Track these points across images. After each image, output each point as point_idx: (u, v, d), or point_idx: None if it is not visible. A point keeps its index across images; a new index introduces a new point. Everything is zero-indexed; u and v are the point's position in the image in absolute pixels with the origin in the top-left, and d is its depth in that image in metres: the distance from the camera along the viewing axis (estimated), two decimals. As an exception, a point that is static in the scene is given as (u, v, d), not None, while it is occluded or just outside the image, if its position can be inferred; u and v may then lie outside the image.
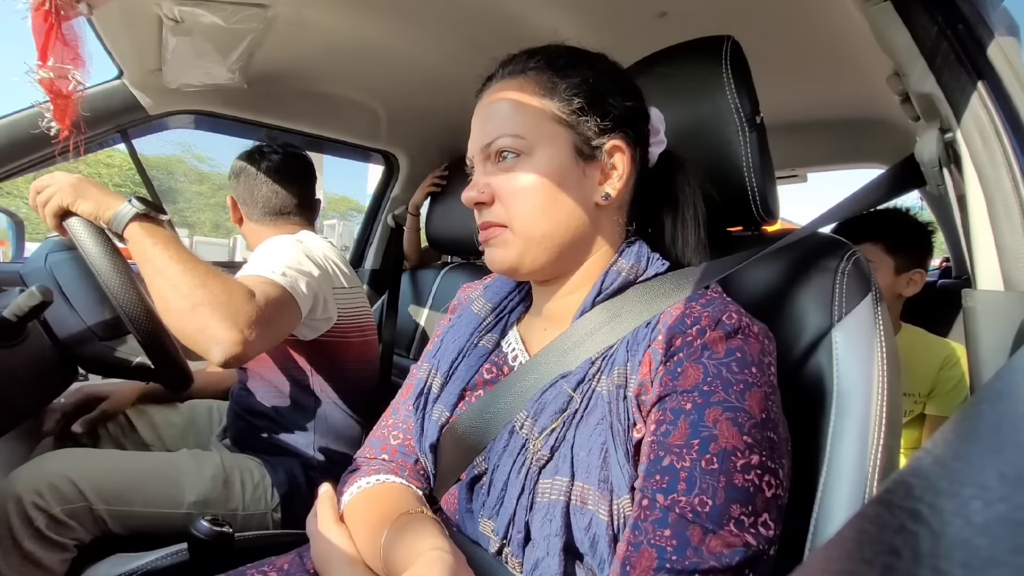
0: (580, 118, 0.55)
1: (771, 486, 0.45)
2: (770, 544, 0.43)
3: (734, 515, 0.43)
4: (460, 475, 0.58)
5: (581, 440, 0.50)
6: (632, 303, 0.55)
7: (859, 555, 0.13)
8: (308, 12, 1.03)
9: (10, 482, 0.85)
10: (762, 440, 0.45)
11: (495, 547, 0.53)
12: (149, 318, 0.81)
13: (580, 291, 0.59)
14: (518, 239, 0.56)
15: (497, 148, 0.56)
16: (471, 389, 0.61)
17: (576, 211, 0.56)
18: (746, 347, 0.49)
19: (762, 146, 0.66)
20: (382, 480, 0.62)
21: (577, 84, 0.56)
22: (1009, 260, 0.53)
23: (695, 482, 0.44)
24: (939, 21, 0.56)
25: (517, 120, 0.56)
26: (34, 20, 0.68)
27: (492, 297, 0.67)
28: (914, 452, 1.21)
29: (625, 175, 0.57)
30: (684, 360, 0.48)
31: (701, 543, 0.42)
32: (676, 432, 0.46)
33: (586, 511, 0.48)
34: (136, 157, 1.42)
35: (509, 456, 0.54)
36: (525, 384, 0.56)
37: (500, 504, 0.53)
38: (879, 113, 1.43)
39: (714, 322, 0.49)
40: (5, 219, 1.65)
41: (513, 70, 0.58)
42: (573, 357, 0.55)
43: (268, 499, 1.02)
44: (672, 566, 0.42)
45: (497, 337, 0.64)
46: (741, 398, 0.46)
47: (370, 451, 0.67)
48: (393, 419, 0.68)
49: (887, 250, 1.18)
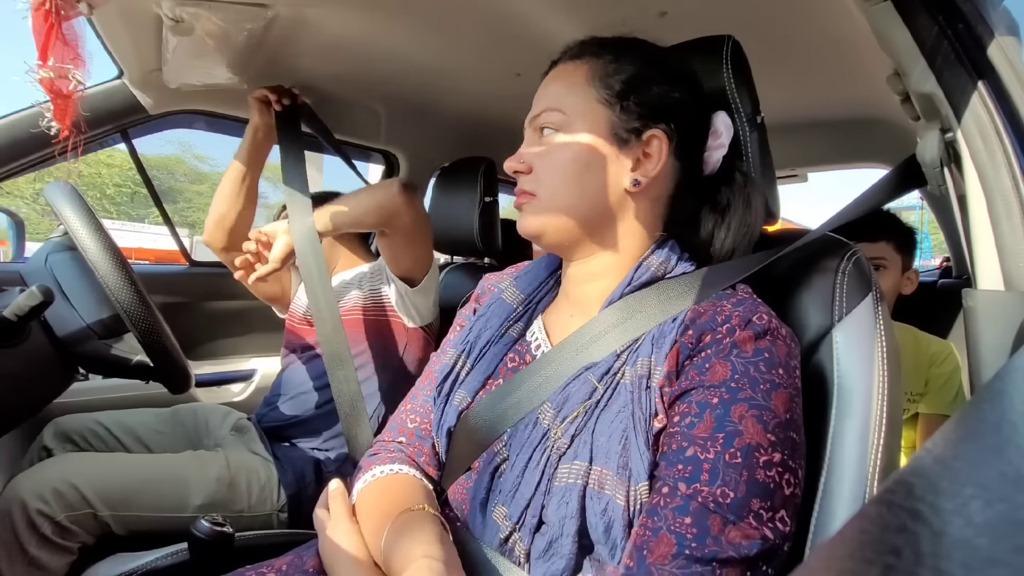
0: (622, 102, 0.57)
1: (790, 484, 0.46)
2: (785, 540, 0.44)
3: (754, 508, 0.43)
4: (471, 463, 0.59)
5: (602, 426, 0.51)
6: (655, 299, 0.56)
7: (860, 555, 0.13)
8: (308, 12, 1.03)
9: (14, 487, 0.85)
10: (785, 440, 0.46)
11: (505, 533, 0.54)
12: (149, 317, 0.81)
13: (608, 278, 0.60)
14: (544, 207, 0.59)
15: (540, 123, 0.60)
16: (494, 378, 0.62)
17: (602, 191, 0.58)
18: (774, 348, 0.50)
19: (763, 146, 0.66)
20: (394, 470, 0.62)
21: (624, 69, 0.58)
22: (1009, 260, 0.53)
23: (718, 474, 0.44)
24: (939, 21, 0.56)
25: (561, 97, 0.59)
26: (34, 20, 0.68)
27: (525, 287, 0.68)
28: (910, 452, 1.21)
29: (660, 166, 0.58)
30: (713, 356, 0.50)
31: (721, 533, 0.43)
32: (701, 425, 0.47)
33: (603, 495, 0.49)
34: (136, 157, 1.42)
35: (530, 445, 0.55)
36: (544, 374, 0.57)
37: (516, 490, 0.54)
38: (879, 113, 1.43)
39: (744, 322, 0.51)
40: (5, 219, 1.65)
41: (572, 54, 0.62)
42: (595, 349, 0.56)
43: (274, 500, 1.03)
44: (692, 553, 0.42)
45: (523, 326, 0.65)
46: (767, 397, 0.47)
47: (389, 434, 0.68)
48: (412, 403, 0.69)
49: (897, 249, 1.20)
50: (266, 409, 1.24)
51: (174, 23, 0.97)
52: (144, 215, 16.88)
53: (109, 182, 16.60)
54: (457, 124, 1.65)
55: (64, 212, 0.83)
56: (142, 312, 0.80)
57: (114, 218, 16.84)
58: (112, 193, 16.89)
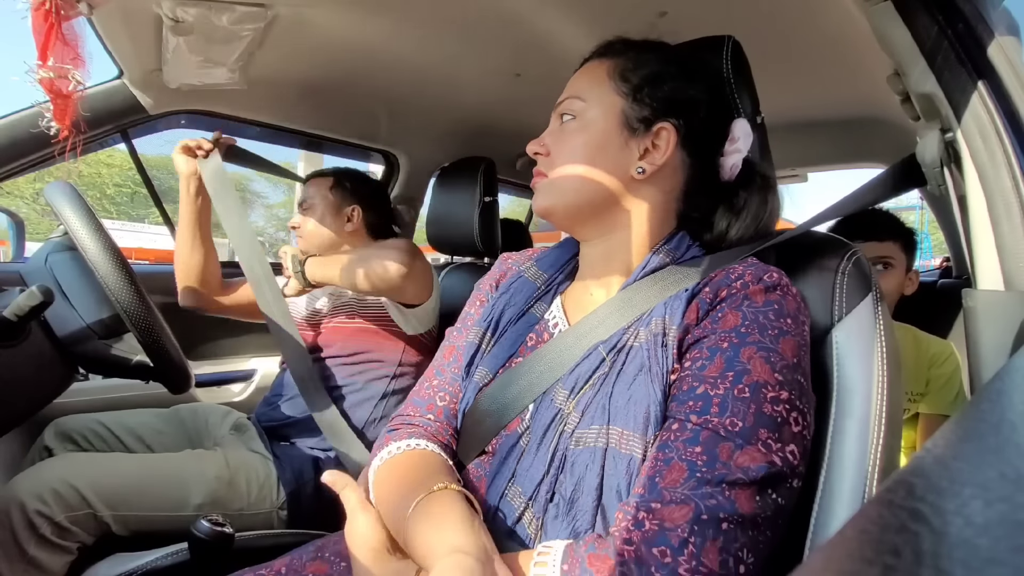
0: (637, 94, 0.61)
1: (797, 423, 0.47)
2: (794, 472, 0.46)
3: (762, 437, 0.45)
4: (485, 444, 0.60)
5: (620, 389, 0.53)
6: (664, 280, 0.59)
7: (860, 554, 0.13)
8: (308, 12, 1.03)
9: (13, 488, 0.84)
10: (792, 381, 0.48)
11: (518, 512, 0.54)
12: (149, 317, 0.81)
13: (620, 260, 0.63)
14: (554, 186, 0.63)
15: (562, 110, 0.64)
16: (515, 356, 0.63)
17: (610, 175, 0.61)
18: (784, 301, 0.53)
19: (763, 146, 0.66)
20: (412, 446, 0.61)
21: (643, 66, 0.62)
22: (1009, 260, 0.53)
23: (727, 406, 0.47)
24: (939, 21, 0.56)
25: (584, 86, 0.63)
26: (34, 20, 0.68)
27: (547, 268, 0.70)
28: (910, 452, 1.21)
29: (666, 156, 0.60)
30: (726, 307, 0.53)
31: (730, 458, 0.45)
32: (711, 366, 0.49)
33: (623, 454, 0.50)
34: (136, 157, 1.42)
35: (542, 424, 0.56)
36: (559, 353, 0.59)
37: (531, 467, 0.55)
38: (879, 113, 1.43)
39: (756, 278, 0.54)
40: (5, 219, 1.65)
41: (599, 52, 0.66)
42: (607, 326, 0.58)
43: (274, 498, 1.03)
44: (702, 476, 0.44)
45: (545, 306, 0.67)
46: (775, 341, 0.50)
47: (414, 409, 0.67)
48: (439, 380, 0.68)
49: (903, 248, 1.21)
50: (266, 408, 1.24)
51: (174, 23, 0.97)
52: (144, 215, 16.87)
53: (109, 182, 16.58)
54: (457, 124, 1.65)
55: (64, 212, 0.83)
56: (142, 312, 0.80)
57: (114, 218, 16.80)
58: (112, 193, 16.87)
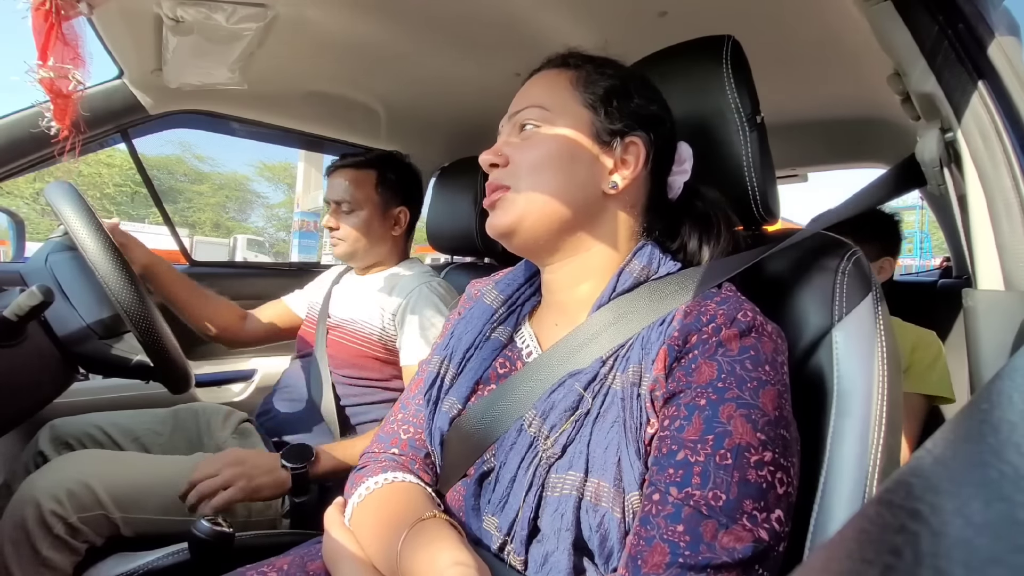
0: (605, 107, 0.59)
1: (783, 483, 0.45)
2: (779, 541, 0.44)
3: (747, 510, 0.43)
4: (467, 470, 0.58)
5: (598, 438, 0.51)
6: (643, 301, 0.56)
7: (860, 555, 0.13)
8: (308, 12, 1.03)
9: (29, 486, 0.84)
10: (775, 437, 0.46)
11: (497, 544, 0.53)
12: (149, 317, 0.81)
13: (590, 282, 0.60)
14: (520, 200, 0.58)
15: (521, 119, 0.60)
16: (484, 383, 0.61)
17: (581, 190, 0.58)
18: (760, 345, 0.50)
19: (763, 145, 0.66)
20: (390, 479, 0.61)
21: (608, 76, 0.60)
22: (1009, 260, 0.53)
23: (709, 476, 0.44)
24: (939, 21, 0.56)
25: (545, 95, 0.60)
26: (34, 20, 0.68)
27: (504, 289, 0.67)
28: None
29: (637, 170, 0.59)
30: (699, 357, 0.49)
31: (714, 539, 0.42)
32: (690, 428, 0.46)
33: (599, 508, 0.48)
34: (136, 157, 1.42)
35: (517, 454, 0.54)
36: (535, 380, 0.56)
37: (505, 501, 0.53)
38: (879, 113, 1.43)
39: (729, 320, 0.50)
40: (5, 219, 1.65)
41: (555, 62, 0.63)
42: (584, 354, 0.55)
43: (278, 505, 1.02)
44: (685, 561, 0.42)
45: (510, 330, 0.64)
46: (755, 395, 0.47)
47: (379, 446, 0.66)
48: (403, 413, 0.67)
49: (855, 242, 1.21)
50: (266, 408, 1.23)
51: (174, 23, 0.97)
52: (144, 215, 16.86)
53: (109, 182, 16.57)
54: (457, 124, 1.65)
55: (64, 212, 0.83)
56: (142, 312, 0.80)
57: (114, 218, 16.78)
58: (112, 193, 16.86)
